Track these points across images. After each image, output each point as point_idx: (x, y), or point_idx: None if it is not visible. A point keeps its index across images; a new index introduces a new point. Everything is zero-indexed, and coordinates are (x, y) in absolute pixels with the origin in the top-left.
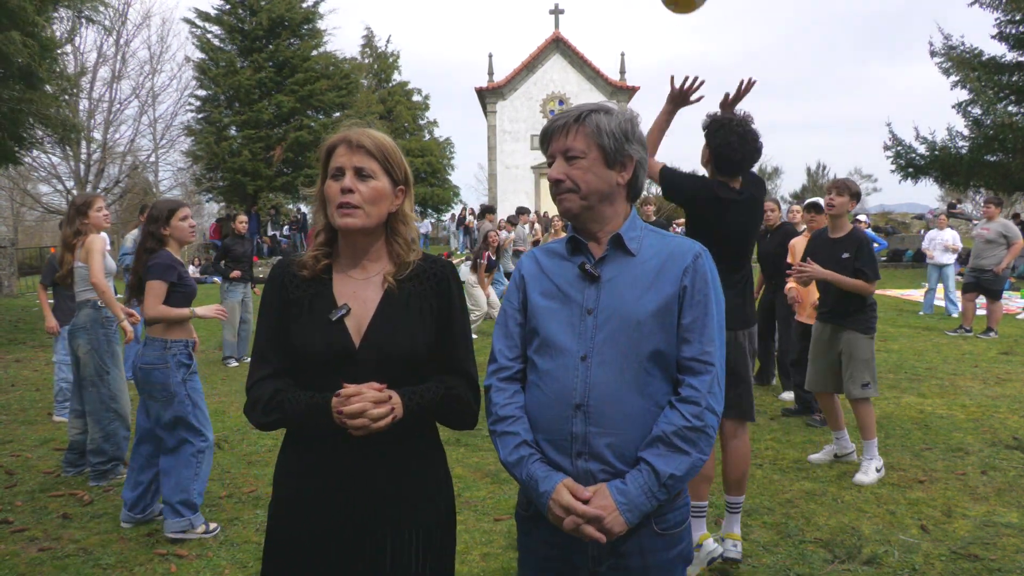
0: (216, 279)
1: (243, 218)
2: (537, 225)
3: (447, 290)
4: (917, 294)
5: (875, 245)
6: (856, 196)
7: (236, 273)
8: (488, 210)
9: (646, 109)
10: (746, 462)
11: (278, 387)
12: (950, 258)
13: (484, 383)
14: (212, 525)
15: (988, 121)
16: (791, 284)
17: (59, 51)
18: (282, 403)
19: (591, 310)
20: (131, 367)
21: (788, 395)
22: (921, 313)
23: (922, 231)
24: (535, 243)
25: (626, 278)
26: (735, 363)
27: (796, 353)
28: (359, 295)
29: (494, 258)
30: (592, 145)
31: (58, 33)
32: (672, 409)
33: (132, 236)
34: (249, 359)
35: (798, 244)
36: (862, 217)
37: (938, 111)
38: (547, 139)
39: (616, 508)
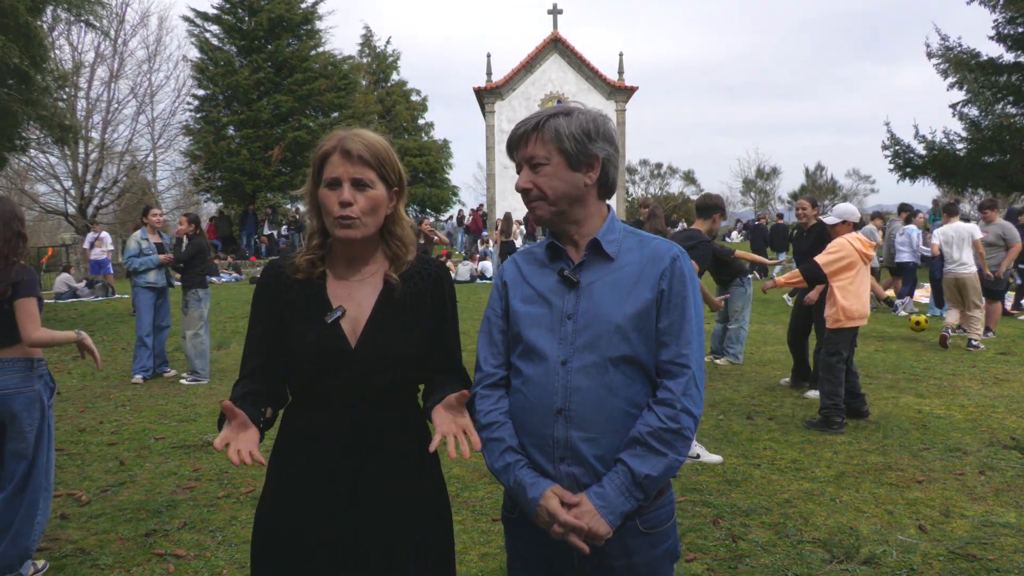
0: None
1: (182, 217)
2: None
3: (441, 291)
4: (916, 294)
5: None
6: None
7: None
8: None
9: (644, 109)
10: None
11: (242, 392)
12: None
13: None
14: (40, 563)
15: (986, 122)
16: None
17: (54, 50)
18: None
19: (571, 315)
20: (139, 368)
21: (813, 393)
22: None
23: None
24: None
25: (605, 283)
26: None
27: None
28: (354, 296)
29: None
30: (553, 150)
31: (54, 32)
32: (649, 411)
33: (135, 237)
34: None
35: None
36: (829, 220)
37: (936, 112)
38: (511, 149)
39: (597, 513)
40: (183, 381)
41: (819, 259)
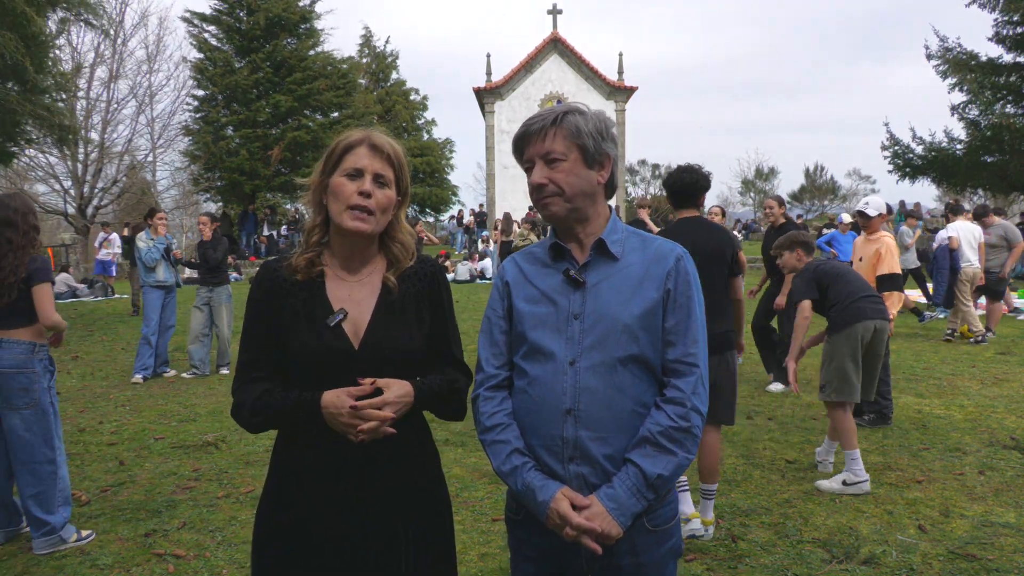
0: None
1: (203, 219)
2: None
3: (437, 289)
4: (914, 294)
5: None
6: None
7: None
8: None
9: (644, 109)
10: (714, 454)
11: (266, 388)
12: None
13: (471, 393)
14: (85, 532)
15: (985, 122)
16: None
17: (55, 50)
18: (269, 403)
19: (578, 315)
20: (140, 367)
21: (776, 387)
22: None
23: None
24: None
25: (611, 283)
26: (718, 378)
27: None
28: (354, 297)
29: None
30: (572, 146)
31: (52, 28)
32: (658, 410)
33: (141, 238)
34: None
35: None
36: (871, 212)
37: (936, 112)
38: (522, 144)
39: (608, 514)
40: (223, 371)
41: (890, 269)
